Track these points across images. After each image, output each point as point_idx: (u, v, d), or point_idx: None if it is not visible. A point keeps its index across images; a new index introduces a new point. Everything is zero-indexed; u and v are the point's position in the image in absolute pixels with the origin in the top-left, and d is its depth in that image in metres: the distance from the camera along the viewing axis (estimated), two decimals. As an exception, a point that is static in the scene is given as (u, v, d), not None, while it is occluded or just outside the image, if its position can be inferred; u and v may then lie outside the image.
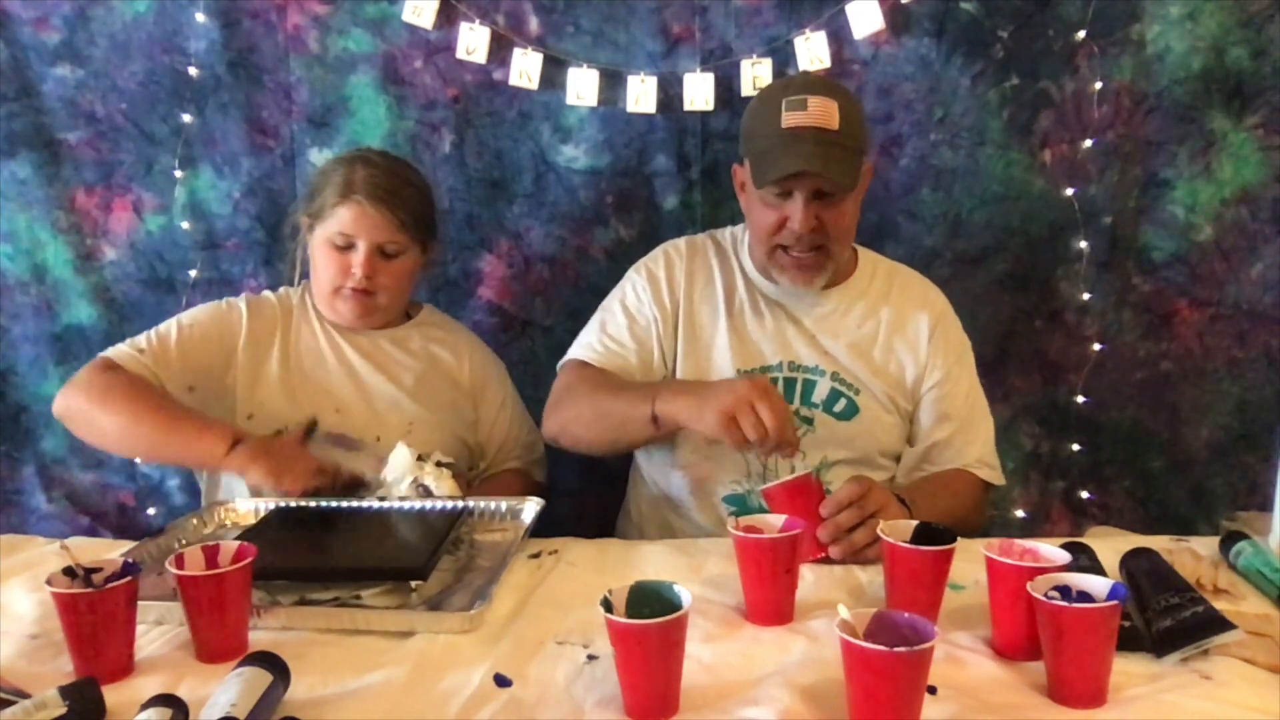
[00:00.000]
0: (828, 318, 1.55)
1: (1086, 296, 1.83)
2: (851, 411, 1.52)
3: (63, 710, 0.83)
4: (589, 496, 1.79)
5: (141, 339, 1.53)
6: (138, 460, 1.94)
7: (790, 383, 1.53)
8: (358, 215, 1.52)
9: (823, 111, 1.39)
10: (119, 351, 1.51)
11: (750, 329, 1.55)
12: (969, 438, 1.55)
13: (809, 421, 1.52)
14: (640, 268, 1.61)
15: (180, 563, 1.01)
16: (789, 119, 1.40)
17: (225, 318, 1.59)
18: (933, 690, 0.88)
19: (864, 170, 1.48)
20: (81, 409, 1.44)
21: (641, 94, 1.82)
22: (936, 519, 1.11)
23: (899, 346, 1.55)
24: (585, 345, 1.57)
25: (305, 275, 1.65)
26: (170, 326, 1.55)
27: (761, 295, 1.57)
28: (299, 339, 1.61)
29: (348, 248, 1.54)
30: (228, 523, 1.40)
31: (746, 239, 1.58)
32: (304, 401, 1.56)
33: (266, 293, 1.68)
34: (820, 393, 1.52)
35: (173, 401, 1.47)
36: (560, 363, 1.59)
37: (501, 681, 0.94)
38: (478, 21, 1.82)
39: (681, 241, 1.64)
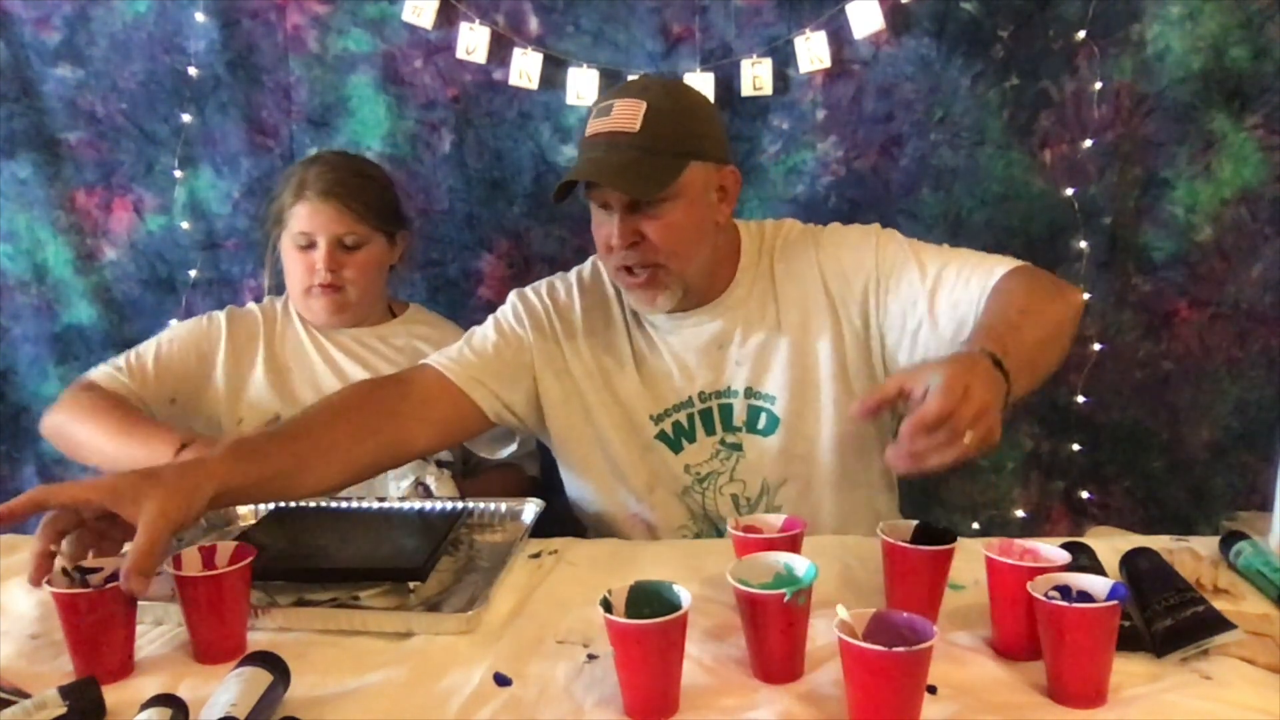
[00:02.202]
0: (730, 325, 1.39)
1: (1086, 296, 1.83)
2: (772, 425, 1.38)
3: (63, 710, 0.83)
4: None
5: (121, 359, 1.58)
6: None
7: (706, 414, 1.40)
8: (312, 212, 1.56)
9: (624, 115, 1.27)
10: (98, 371, 1.57)
11: (653, 368, 1.41)
12: (968, 272, 1.27)
13: (737, 448, 1.40)
14: (518, 295, 1.46)
15: (178, 563, 1.01)
16: (592, 127, 1.31)
17: (205, 331, 1.64)
18: (933, 690, 0.88)
19: (703, 172, 1.31)
20: (58, 425, 1.50)
21: (641, 94, 1.82)
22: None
23: (813, 304, 1.37)
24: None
25: (281, 284, 1.68)
26: (150, 345, 1.61)
27: (651, 325, 1.42)
28: (283, 343, 1.65)
29: (310, 246, 1.58)
30: (227, 523, 1.40)
31: None
32: (293, 400, 1.59)
33: (250, 304, 1.71)
34: (739, 414, 1.39)
35: (132, 413, 1.49)
36: None
37: (501, 680, 0.94)
38: (478, 21, 1.82)
39: (571, 274, 1.48)
